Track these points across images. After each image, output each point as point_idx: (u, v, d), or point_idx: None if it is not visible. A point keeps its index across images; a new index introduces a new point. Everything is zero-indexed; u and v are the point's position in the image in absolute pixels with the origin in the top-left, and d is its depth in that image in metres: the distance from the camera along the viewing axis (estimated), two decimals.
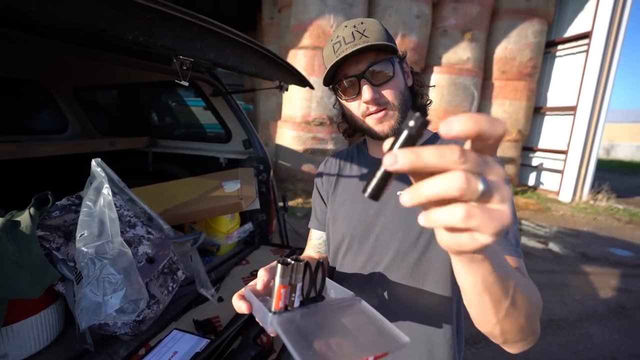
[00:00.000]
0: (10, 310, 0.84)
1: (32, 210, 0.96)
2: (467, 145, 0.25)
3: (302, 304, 0.39)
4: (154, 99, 2.20)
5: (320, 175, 0.85)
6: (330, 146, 5.93)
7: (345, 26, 0.63)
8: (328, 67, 0.63)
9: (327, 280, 0.46)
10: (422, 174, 0.24)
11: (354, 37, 0.61)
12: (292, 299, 0.38)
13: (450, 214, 0.23)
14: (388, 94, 0.63)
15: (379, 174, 0.26)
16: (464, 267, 0.35)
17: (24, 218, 0.93)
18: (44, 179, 1.60)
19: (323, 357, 0.32)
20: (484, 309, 0.40)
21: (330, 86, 0.69)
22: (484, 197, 0.23)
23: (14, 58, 1.71)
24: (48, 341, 0.96)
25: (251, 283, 0.46)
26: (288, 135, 5.99)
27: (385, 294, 0.67)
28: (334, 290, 0.46)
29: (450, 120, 0.23)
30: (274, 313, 0.37)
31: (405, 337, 0.36)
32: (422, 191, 0.23)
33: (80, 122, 2.20)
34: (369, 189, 0.27)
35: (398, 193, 0.64)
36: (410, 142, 0.25)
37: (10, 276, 0.81)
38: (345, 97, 0.66)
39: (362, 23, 0.63)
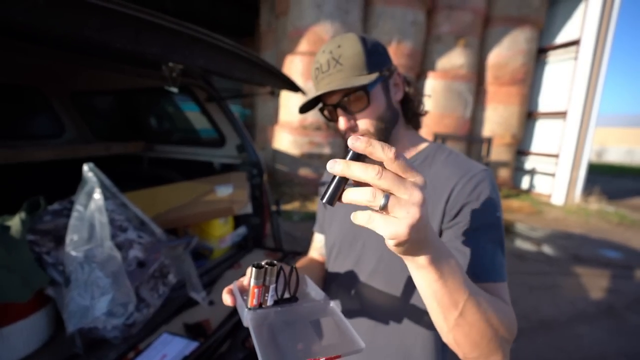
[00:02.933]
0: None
1: (23, 214, 0.97)
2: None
3: (276, 303, 0.42)
4: (150, 104, 2.22)
5: (323, 181, 0.89)
6: (326, 150, 5.97)
7: (323, 51, 0.63)
8: (306, 100, 0.65)
9: (309, 281, 0.51)
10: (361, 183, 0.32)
11: (329, 65, 0.61)
12: (266, 298, 0.42)
13: (361, 215, 0.33)
14: (364, 122, 0.63)
15: (333, 182, 0.32)
16: (413, 271, 0.40)
17: (15, 222, 0.94)
18: (40, 184, 1.61)
19: (280, 354, 0.35)
20: (434, 315, 0.44)
21: (319, 110, 0.70)
22: (385, 209, 0.31)
23: (11, 65, 1.72)
24: (38, 345, 0.96)
25: (241, 279, 0.50)
26: (285, 140, 6.02)
27: (367, 299, 0.68)
28: (314, 291, 0.49)
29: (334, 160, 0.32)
30: (249, 309, 0.41)
31: (362, 343, 0.38)
32: (348, 195, 0.33)
33: (77, 127, 2.21)
34: (326, 196, 0.32)
35: None
36: (357, 158, 0.32)
37: None
38: (328, 119, 0.69)
39: (339, 47, 0.61)
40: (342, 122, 0.64)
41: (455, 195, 0.59)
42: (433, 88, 6.65)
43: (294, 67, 5.78)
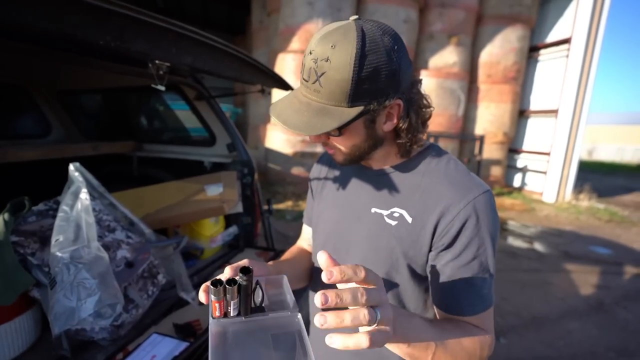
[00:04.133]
0: None
1: (6, 215, 0.95)
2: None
3: (239, 313, 0.42)
4: (139, 103, 2.19)
5: (312, 172, 0.83)
6: (319, 149, 5.96)
7: (310, 52, 0.49)
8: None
9: (286, 285, 0.49)
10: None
11: (309, 78, 0.50)
12: (229, 309, 0.41)
13: (346, 341, 0.36)
14: (337, 146, 0.58)
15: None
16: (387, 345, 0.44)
17: None
18: (26, 184, 1.58)
19: None
20: None
21: None
22: (378, 322, 0.37)
23: None
24: (23, 348, 0.95)
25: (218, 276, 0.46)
26: (278, 139, 6.00)
27: None
28: (289, 296, 0.48)
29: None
30: (213, 318, 0.41)
31: None
32: (340, 323, 0.35)
33: (64, 126, 2.17)
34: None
35: (373, 210, 0.62)
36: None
37: None
38: None
39: (327, 60, 0.47)
40: (313, 139, 0.58)
41: (448, 220, 0.54)
42: (426, 86, 6.67)
43: (286, 65, 5.76)
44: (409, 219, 0.57)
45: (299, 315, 0.42)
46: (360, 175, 0.67)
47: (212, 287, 0.40)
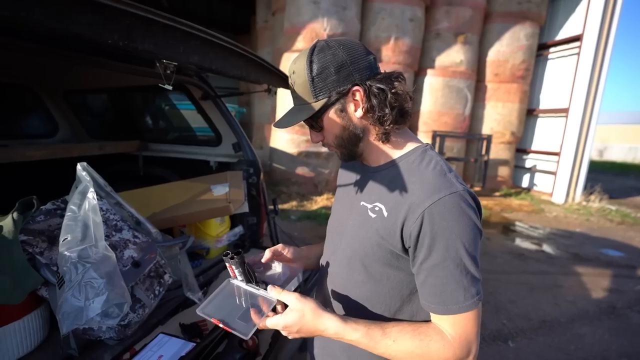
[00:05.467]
0: None
1: (15, 214, 0.95)
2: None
3: (243, 280, 0.68)
4: (145, 102, 2.20)
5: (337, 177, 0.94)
6: (324, 149, 5.94)
7: (289, 72, 0.68)
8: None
9: (285, 272, 0.79)
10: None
11: (291, 89, 0.68)
12: (237, 275, 0.68)
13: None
14: (326, 138, 0.69)
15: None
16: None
17: (7, 223, 0.92)
18: (34, 184, 1.59)
19: (202, 306, 0.65)
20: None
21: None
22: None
23: (3, 63, 1.71)
24: (32, 347, 0.95)
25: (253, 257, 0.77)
26: (282, 139, 6.00)
27: (330, 291, 0.77)
28: (281, 279, 0.77)
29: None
30: (231, 278, 0.71)
31: (247, 334, 0.60)
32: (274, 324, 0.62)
33: (71, 126, 2.19)
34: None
35: (361, 203, 0.70)
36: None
37: None
38: None
39: (293, 73, 0.65)
40: (312, 138, 0.71)
41: (412, 219, 0.58)
42: (432, 85, 6.61)
43: None
44: (385, 214, 0.63)
45: (276, 299, 0.63)
46: (360, 173, 0.76)
47: (224, 257, 0.66)
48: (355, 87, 0.62)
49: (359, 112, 0.64)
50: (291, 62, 0.66)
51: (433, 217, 0.57)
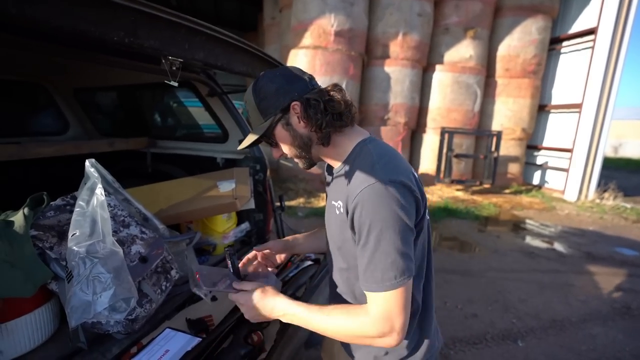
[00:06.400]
0: (4, 308, 0.85)
1: (26, 210, 0.97)
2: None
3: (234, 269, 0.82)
4: (153, 100, 2.22)
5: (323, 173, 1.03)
6: None
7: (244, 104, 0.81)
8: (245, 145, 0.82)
9: (264, 271, 0.95)
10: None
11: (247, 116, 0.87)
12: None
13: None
14: (285, 151, 0.80)
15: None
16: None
17: (18, 218, 0.94)
18: (44, 180, 1.63)
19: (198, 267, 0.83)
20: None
21: None
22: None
23: (15, 61, 1.74)
24: (43, 339, 0.97)
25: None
26: None
27: (331, 278, 0.89)
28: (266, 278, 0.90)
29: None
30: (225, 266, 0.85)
31: (207, 291, 0.88)
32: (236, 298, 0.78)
33: (81, 123, 2.23)
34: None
35: (332, 202, 0.79)
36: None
37: (2, 275, 0.82)
38: None
39: (246, 102, 0.77)
40: (273, 154, 0.82)
41: (350, 209, 0.68)
42: (441, 81, 6.52)
43: (298, 61, 5.73)
44: (342, 209, 0.73)
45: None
46: (330, 177, 0.86)
47: (225, 249, 0.81)
48: (294, 102, 0.73)
49: (303, 124, 0.74)
50: (244, 96, 0.79)
51: (358, 206, 0.65)
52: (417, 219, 0.68)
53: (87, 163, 1.05)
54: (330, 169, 0.86)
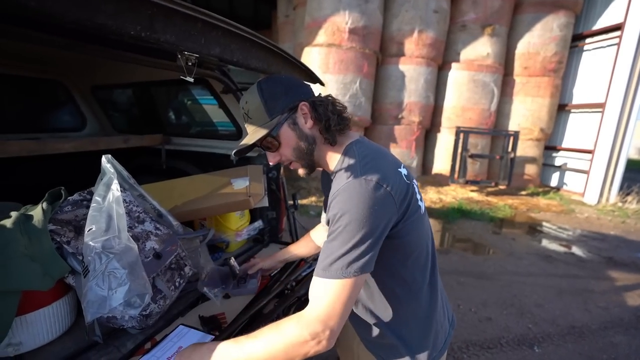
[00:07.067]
0: (23, 301, 0.86)
1: (44, 204, 0.98)
2: None
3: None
4: (168, 97, 2.24)
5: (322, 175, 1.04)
6: None
7: (240, 107, 0.80)
8: (236, 149, 0.82)
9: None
10: None
11: (245, 119, 0.79)
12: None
13: None
14: (284, 155, 0.80)
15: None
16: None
17: (37, 212, 0.95)
18: (62, 175, 1.66)
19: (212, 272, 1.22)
20: None
21: None
22: None
23: (34, 58, 1.78)
24: (60, 332, 0.98)
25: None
26: None
27: None
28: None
29: None
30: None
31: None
32: None
33: (98, 120, 2.27)
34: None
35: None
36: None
37: (22, 268, 0.83)
38: None
39: (246, 102, 0.77)
40: (270, 159, 0.81)
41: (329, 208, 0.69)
42: (456, 79, 6.39)
43: (312, 59, 5.71)
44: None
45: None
46: (328, 183, 0.86)
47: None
48: (302, 102, 0.76)
49: (309, 123, 0.77)
50: (242, 99, 0.79)
51: (333, 202, 0.67)
52: (398, 218, 0.69)
53: (103, 159, 1.06)
54: (327, 175, 0.88)
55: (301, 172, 0.82)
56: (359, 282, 0.64)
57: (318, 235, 1.19)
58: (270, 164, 0.81)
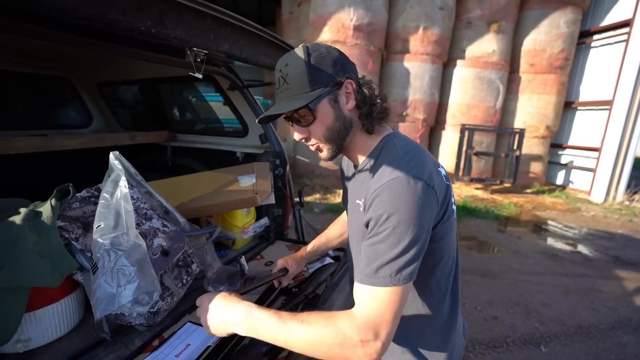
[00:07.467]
0: (32, 297, 0.86)
1: (53, 201, 0.98)
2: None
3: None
4: (174, 94, 2.23)
5: (340, 172, 1.00)
6: None
7: (276, 69, 0.69)
8: (262, 116, 0.73)
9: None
10: None
11: (280, 84, 0.68)
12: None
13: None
14: (315, 133, 0.70)
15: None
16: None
17: (46, 209, 0.95)
18: (69, 172, 1.66)
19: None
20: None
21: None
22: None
23: (41, 55, 1.78)
24: (69, 328, 0.99)
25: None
26: None
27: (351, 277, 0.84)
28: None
29: None
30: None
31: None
32: None
33: (104, 117, 2.27)
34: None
35: (356, 201, 0.75)
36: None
37: (31, 265, 0.83)
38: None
39: (286, 65, 0.67)
40: (296, 135, 0.72)
41: (369, 205, 0.64)
42: (462, 77, 6.33)
43: None
44: (362, 207, 0.69)
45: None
46: (352, 174, 0.82)
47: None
48: (349, 80, 0.68)
49: (351, 104, 0.70)
50: (279, 62, 0.69)
51: (377, 199, 0.61)
52: (437, 220, 0.64)
53: (111, 155, 1.06)
54: (349, 166, 0.83)
55: (324, 155, 0.73)
56: (407, 290, 0.59)
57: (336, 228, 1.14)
58: (296, 138, 0.72)
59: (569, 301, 2.74)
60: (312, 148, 0.73)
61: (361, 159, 0.75)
